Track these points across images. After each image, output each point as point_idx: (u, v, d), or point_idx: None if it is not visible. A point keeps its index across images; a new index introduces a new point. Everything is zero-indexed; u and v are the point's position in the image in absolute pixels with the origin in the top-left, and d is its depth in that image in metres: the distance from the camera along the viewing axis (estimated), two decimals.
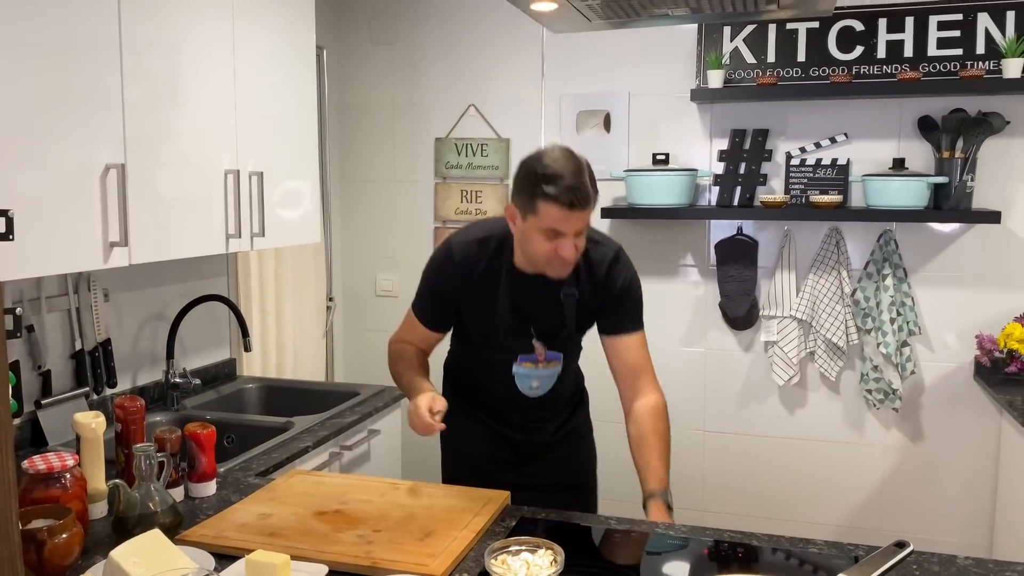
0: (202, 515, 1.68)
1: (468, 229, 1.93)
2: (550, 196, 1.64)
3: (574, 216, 1.65)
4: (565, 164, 1.66)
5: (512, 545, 1.42)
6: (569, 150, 1.70)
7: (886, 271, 2.94)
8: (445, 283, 1.89)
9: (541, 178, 1.65)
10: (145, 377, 2.50)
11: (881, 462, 3.09)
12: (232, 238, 2.26)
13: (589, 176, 1.67)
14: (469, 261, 1.85)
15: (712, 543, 1.54)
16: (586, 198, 1.65)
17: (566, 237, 1.68)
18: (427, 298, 1.94)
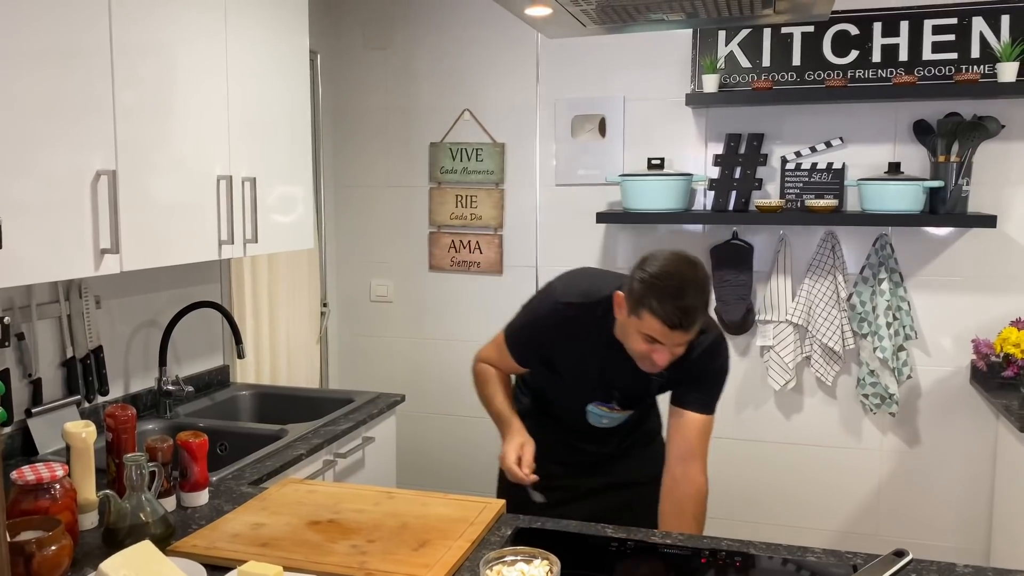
0: (194, 525, 1.66)
1: (576, 282, 1.92)
2: (655, 311, 1.64)
3: (674, 335, 1.66)
4: (680, 281, 1.64)
5: (507, 555, 1.40)
6: (691, 263, 1.68)
7: (882, 275, 2.93)
8: (544, 332, 1.90)
9: (652, 289, 1.65)
10: (137, 384, 2.48)
11: (878, 467, 3.08)
12: (225, 244, 2.24)
13: (703, 294, 1.67)
14: (573, 323, 1.86)
15: (709, 552, 1.53)
16: (692, 322, 1.64)
17: (664, 346, 1.69)
18: (524, 338, 1.96)
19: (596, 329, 1.83)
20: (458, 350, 3.49)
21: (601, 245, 3.26)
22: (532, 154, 3.30)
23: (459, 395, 3.50)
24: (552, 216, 3.30)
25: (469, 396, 3.55)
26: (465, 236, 3.42)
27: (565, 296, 1.88)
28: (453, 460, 3.53)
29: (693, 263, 1.69)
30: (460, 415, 3.50)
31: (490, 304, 3.42)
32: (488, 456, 3.52)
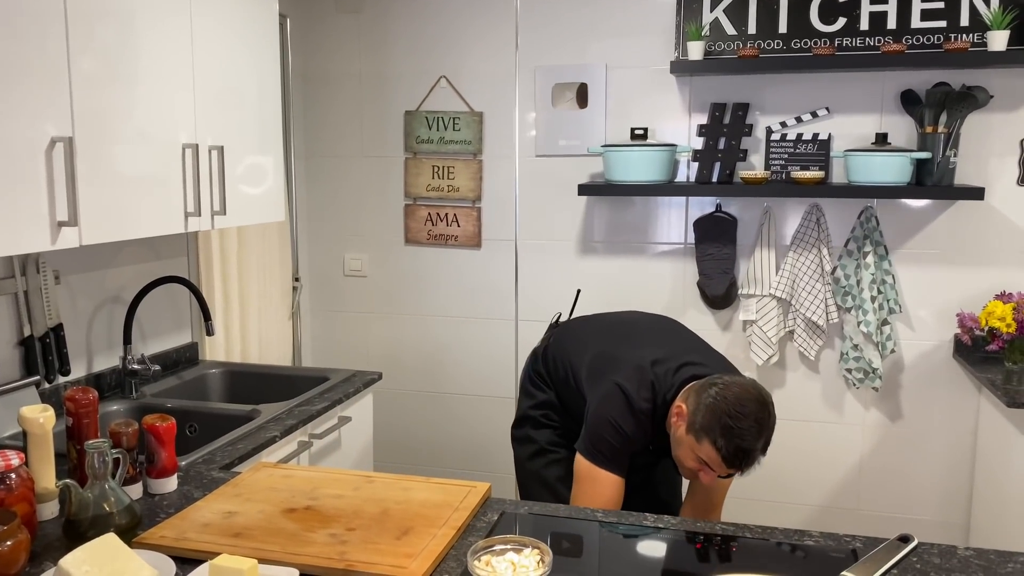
0: (162, 514, 1.57)
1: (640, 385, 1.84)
2: (718, 447, 1.64)
3: (731, 471, 1.68)
4: (751, 425, 1.63)
5: (496, 544, 1.33)
6: (765, 404, 1.66)
7: (867, 248, 2.89)
8: (636, 437, 1.85)
9: (720, 423, 1.63)
10: (101, 364, 2.37)
11: (860, 441, 3.06)
12: (191, 216, 2.13)
13: (768, 438, 1.66)
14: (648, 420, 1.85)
15: (703, 537, 1.47)
16: (751, 466, 1.66)
17: (715, 472, 1.70)
18: (624, 450, 1.85)
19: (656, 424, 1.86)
20: (435, 326, 3.40)
21: (582, 218, 3.18)
22: (511, 123, 3.21)
23: (436, 372, 3.43)
24: (532, 188, 3.22)
25: (447, 373, 3.50)
26: (442, 208, 3.32)
27: (640, 404, 1.83)
28: (431, 438, 3.46)
29: (766, 404, 1.68)
30: (437, 392, 3.43)
31: (468, 279, 3.33)
32: (467, 434, 3.47)
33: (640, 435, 1.83)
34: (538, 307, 3.26)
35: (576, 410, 2.00)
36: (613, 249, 3.16)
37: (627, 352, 1.91)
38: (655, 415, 1.82)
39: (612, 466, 1.82)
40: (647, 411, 1.81)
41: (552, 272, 3.23)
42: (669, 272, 3.12)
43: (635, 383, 1.82)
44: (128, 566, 1.29)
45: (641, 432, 1.82)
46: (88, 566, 1.26)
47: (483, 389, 3.37)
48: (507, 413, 3.34)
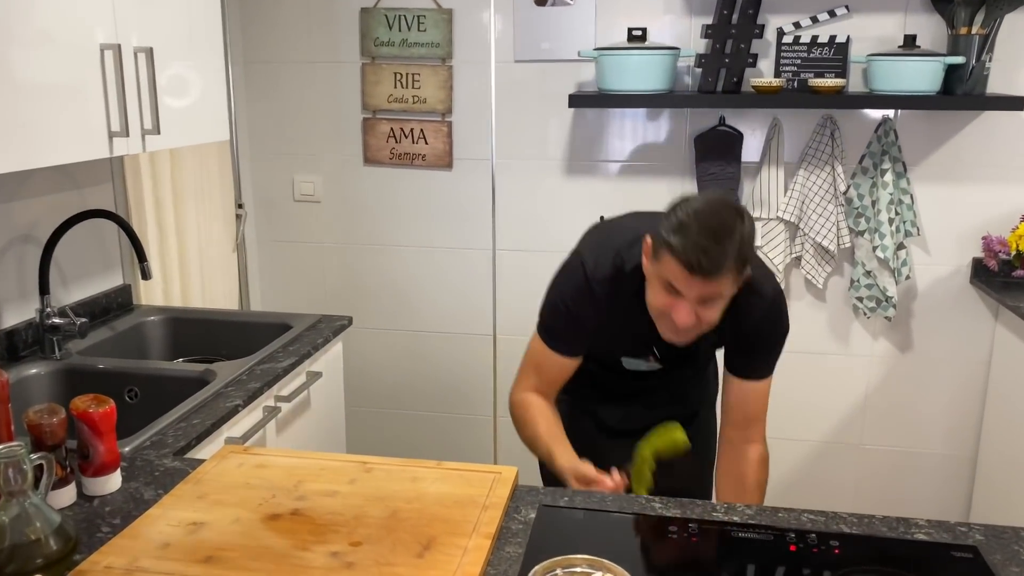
0: (104, 527, 1.22)
1: (604, 245, 1.62)
2: (675, 250, 1.38)
3: (695, 282, 1.38)
4: (709, 219, 1.38)
5: (558, 567, 1.03)
6: (736, 209, 1.41)
7: (885, 165, 2.61)
8: (583, 308, 1.61)
9: (675, 226, 1.39)
10: (12, 318, 1.95)
11: (866, 373, 2.85)
12: (117, 137, 1.71)
13: (740, 244, 1.38)
14: (607, 291, 1.59)
15: (795, 535, 1.20)
16: (715, 267, 1.36)
17: (684, 300, 1.41)
18: (564, 327, 1.64)
19: (631, 290, 1.56)
20: (401, 258, 3.04)
21: (568, 133, 2.82)
22: (486, 23, 2.79)
23: (404, 310, 3.08)
24: (510, 98, 2.82)
25: (416, 310, 3.15)
26: (406, 123, 2.91)
27: (598, 272, 1.59)
28: (404, 382, 3.14)
29: (738, 210, 1.42)
30: (406, 331, 3.09)
31: (438, 204, 2.96)
32: (445, 374, 3.15)
33: (592, 313, 1.59)
34: (518, 235, 2.92)
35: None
36: (602, 169, 2.82)
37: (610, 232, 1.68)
38: (620, 287, 1.57)
39: (555, 342, 1.65)
40: (606, 279, 1.57)
41: (534, 195, 2.88)
42: (666, 193, 2.80)
43: (595, 255, 1.61)
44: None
45: (594, 310, 1.59)
46: None
47: (458, 327, 3.04)
48: (485, 351, 3.03)
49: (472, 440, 3.13)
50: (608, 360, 1.72)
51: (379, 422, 3.18)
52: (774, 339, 1.63)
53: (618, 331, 1.63)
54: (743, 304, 1.52)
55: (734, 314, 1.51)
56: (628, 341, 1.66)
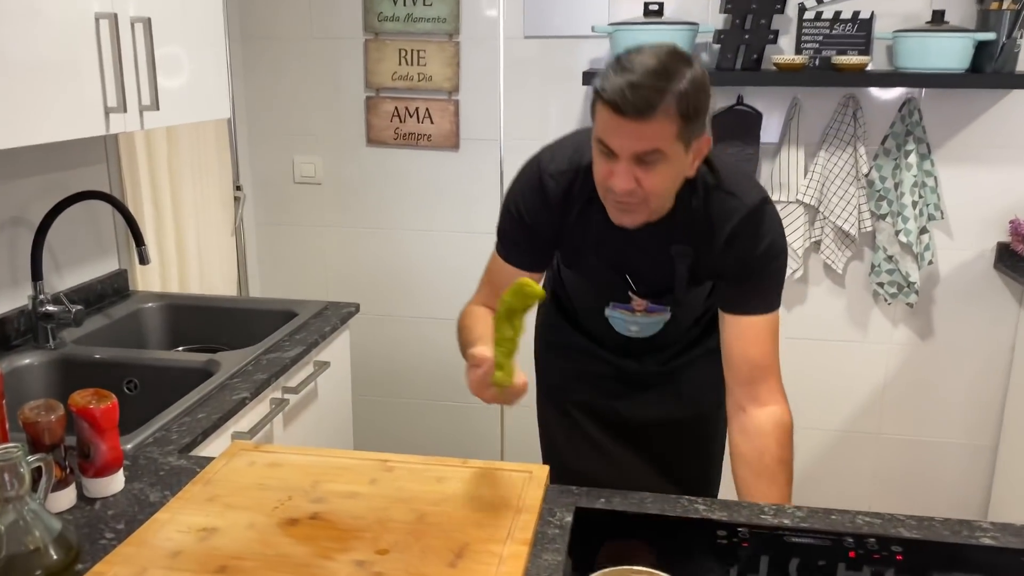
0: (108, 532, 1.13)
1: (565, 148, 1.44)
2: (601, 94, 1.19)
3: (624, 127, 1.18)
4: (644, 59, 1.18)
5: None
6: (677, 51, 1.22)
7: (909, 146, 2.52)
8: (536, 215, 1.44)
9: (605, 69, 1.22)
10: (3, 305, 1.85)
11: (885, 361, 2.77)
12: (114, 113, 1.60)
13: (682, 88, 1.16)
14: (564, 194, 1.41)
15: (853, 540, 1.12)
16: (644, 104, 1.15)
17: (618, 160, 1.22)
18: (514, 231, 1.48)
19: (594, 202, 1.37)
20: (405, 242, 2.94)
21: (580, 112, 2.72)
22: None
23: (407, 295, 2.98)
24: (520, 76, 2.72)
25: (420, 296, 3.06)
26: (411, 102, 2.80)
27: (552, 165, 1.41)
28: (407, 370, 3.04)
29: (686, 57, 1.21)
30: (410, 317, 2.99)
31: (443, 186, 2.86)
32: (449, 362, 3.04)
33: (544, 215, 1.41)
34: None
35: None
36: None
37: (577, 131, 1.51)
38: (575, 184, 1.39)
39: (505, 248, 1.50)
40: (560, 172, 1.40)
41: None
42: None
43: (553, 149, 1.45)
44: None
45: (547, 212, 1.41)
46: None
47: None
48: None
49: (477, 431, 3.04)
50: (592, 315, 1.57)
51: (382, 412, 3.09)
52: (763, 258, 1.36)
53: (580, 244, 1.43)
54: (716, 209, 1.34)
55: (707, 222, 1.34)
56: (595, 263, 1.45)
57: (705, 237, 1.36)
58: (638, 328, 1.55)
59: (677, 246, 1.38)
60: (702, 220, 1.35)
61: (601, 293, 1.54)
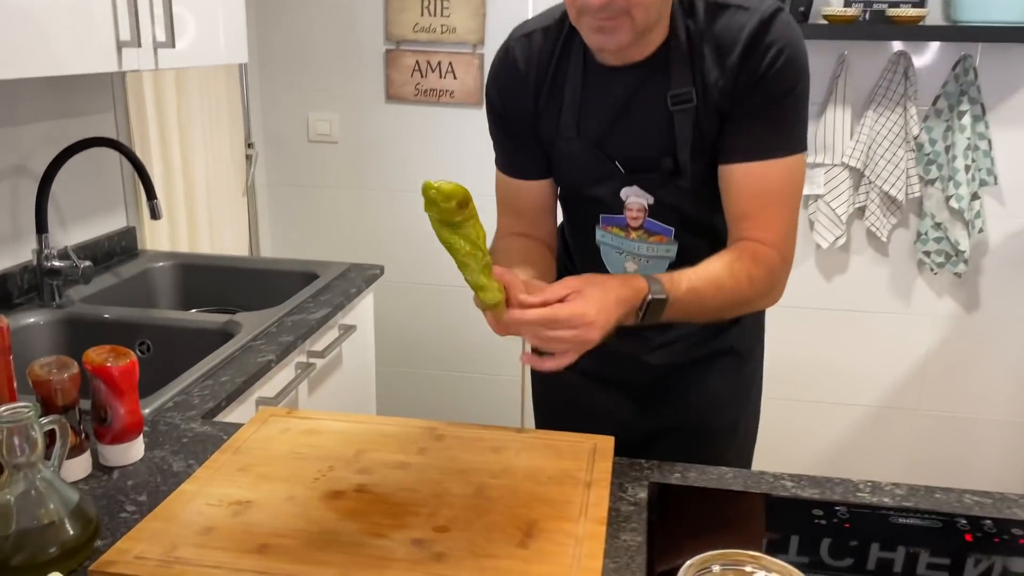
0: (129, 505, 1.01)
1: (536, 17, 1.24)
2: None
3: None
4: None
5: (715, 563, 0.82)
6: None
7: (963, 107, 2.39)
8: (510, 97, 1.23)
9: None
10: (5, 260, 1.72)
11: (928, 334, 2.65)
12: (127, 47, 1.46)
13: None
14: (537, 57, 1.20)
15: (966, 522, 1.00)
16: None
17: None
18: (499, 132, 1.29)
19: (567, 50, 1.19)
20: None
21: None
22: None
23: (427, 260, 2.85)
24: None
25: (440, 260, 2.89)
26: (434, 55, 2.65)
27: (519, 30, 1.24)
28: (427, 339, 2.92)
29: None
30: (430, 284, 2.86)
31: (467, 145, 2.71)
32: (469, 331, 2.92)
33: (518, 91, 1.21)
34: None
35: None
36: None
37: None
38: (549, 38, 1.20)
39: (501, 161, 1.31)
40: (528, 33, 1.21)
41: None
42: None
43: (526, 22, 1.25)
44: None
45: (519, 86, 1.21)
46: None
47: None
48: None
49: (497, 402, 2.92)
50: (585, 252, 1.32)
51: (401, 383, 2.96)
52: (778, 75, 1.09)
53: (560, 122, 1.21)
54: (722, 27, 1.11)
55: (712, 46, 1.11)
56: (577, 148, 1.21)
57: (709, 68, 1.12)
58: (635, 266, 1.28)
59: (675, 92, 1.12)
60: (705, 47, 1.11)
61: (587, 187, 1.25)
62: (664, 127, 1.16)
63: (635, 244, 1.26)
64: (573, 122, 1.20)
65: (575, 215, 1.35)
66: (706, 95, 1.13)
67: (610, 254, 1.30)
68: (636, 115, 1.18)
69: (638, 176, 1.21)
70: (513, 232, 1.32)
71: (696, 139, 1.15)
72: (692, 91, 1.13)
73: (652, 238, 1.25)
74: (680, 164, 1.17)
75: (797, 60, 1.10)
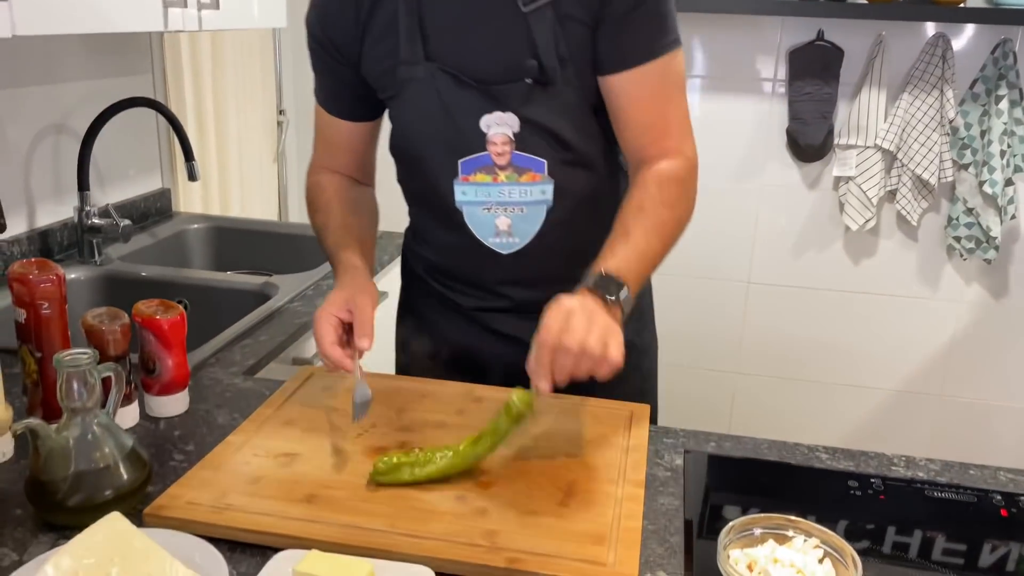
0: (177, 454, 1.03)
1: None
2: None
3: None
4: None
5: (755, 526, 0.84)
6: None
7: (1000, 91, 2.36)
8: (331, 26, 1.14)
9: None
10: (46, 216, 1.74)
11: (955, 320, 2.65)
12: (173, 7, 1.47)
13: None
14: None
15: (1001, 498, 1.00)
16: None
17: None
18: (318, 64, 1.20)
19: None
20: None
21: None
22: None
23: None
24: None
25: None
26: None
27: None
28: None
29: None
30: None
31: None
32: None
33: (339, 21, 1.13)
34: None
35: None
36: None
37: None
38: None
39: (316, 86, 1.24)
40: None
41: None
42: (751, 115, 2.56)
43: None
44: (148, 570, 0.76)
45: (339, 15, 1.12)
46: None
47: None
48: None
49: None
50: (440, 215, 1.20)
51: None
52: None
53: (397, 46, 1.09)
54: None
55: None
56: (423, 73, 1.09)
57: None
58: (507, 223, 1.14)
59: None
60: None
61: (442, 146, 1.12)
62: (522, 31, 1.05)
63: (505, 188, 1.12)
64: (418, 45, 1.08)
65: (423, 180, 1.19)
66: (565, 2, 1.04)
67: (475, 214, 1.14)
68: (488, 23, 1.06)
69: (501, 91, 1.07)
70: (325, 167, 1.27)
71: (558, 42, 1.05)
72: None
73: (523, 177, 1.12)
74: (546, 69, 1.05)
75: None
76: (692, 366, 2.79)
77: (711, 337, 2.76)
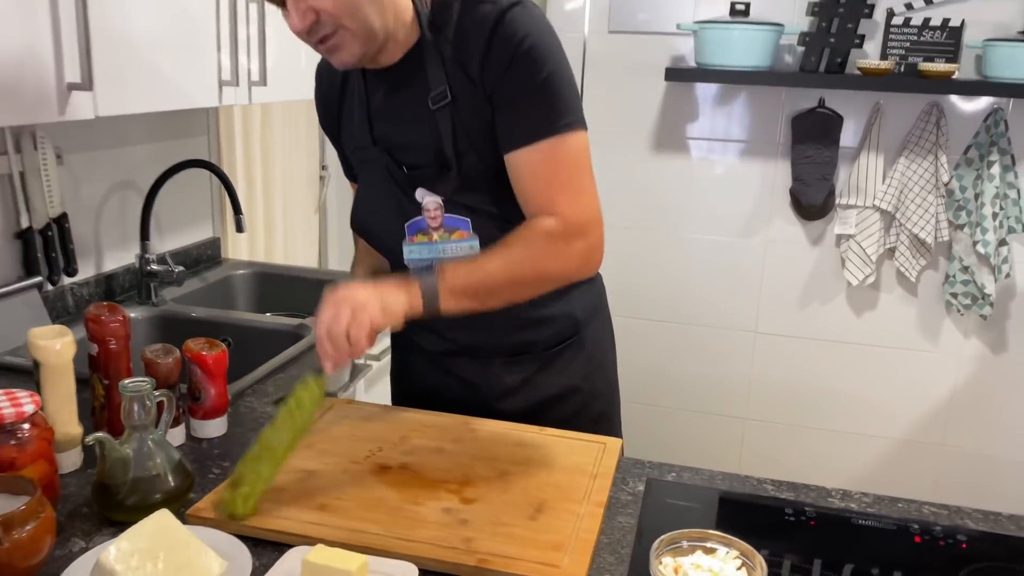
0: (215, 468, 1.23)
1: None
2: None
3: None
4: None
5: (684, 539, 1.00)
6: None
7: (992, 157, 2.51)
8: (322, 108, 1.42)
9: None
10: (112, 262, 1.99)
11: (954, 373, 2.76)
12: (227, 86, 1.71)
13: None
14: (327, 68, 1.37)
15: (918, 527, 1.15)
16: None
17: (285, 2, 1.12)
18: (327, 135, 1.46)
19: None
20: None
21: (659, 108, 2.76)
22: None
23: None
24: (603, 70, 2.78)
25: None
26: None
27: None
28: None
29: None
30: None
31: None
32: None
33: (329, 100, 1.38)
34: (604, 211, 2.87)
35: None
36: (691, 147, 2.76)
37: None
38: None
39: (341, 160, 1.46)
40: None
41: (619, 169, 2.83)
42: (757, 176, 2.73)
43: None
44: (188, 556, 0.95)
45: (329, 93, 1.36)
46: (137, 559, 0.92)
47: None
48: None
49: None
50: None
51: None
52: (524, 62, 1.14)
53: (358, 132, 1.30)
54: (469, 23, 1.17)
55: (461, 42, 1.17)
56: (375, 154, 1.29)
57: (461, 66, 1.18)
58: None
59: (433, 93, 1.19)
60: (455, 43, 1.18)
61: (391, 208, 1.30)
62: (431, 126, 1.21)
63: (441, 246, 1.28)
64: (366, 130, 1.28)
65: (380, 244, 1.40)
66: (467, 88, 1.18)
67: (421, 269, 1.28)
68: (406, 116, 1.24)
69: (419, 174, 1.25)
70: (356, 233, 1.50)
71: (459, 132, 1.20)
72: (447, 89, 1.18)
73: (454, 235, 1.28)
74: (446, 158, 1.22)
75: (541, 44, 1.15)
76: (702, 411, 2.93)
77: (720, 384, 2.91)
